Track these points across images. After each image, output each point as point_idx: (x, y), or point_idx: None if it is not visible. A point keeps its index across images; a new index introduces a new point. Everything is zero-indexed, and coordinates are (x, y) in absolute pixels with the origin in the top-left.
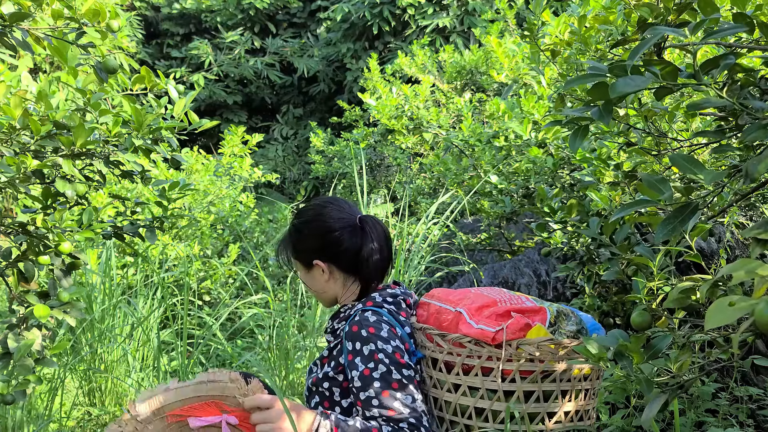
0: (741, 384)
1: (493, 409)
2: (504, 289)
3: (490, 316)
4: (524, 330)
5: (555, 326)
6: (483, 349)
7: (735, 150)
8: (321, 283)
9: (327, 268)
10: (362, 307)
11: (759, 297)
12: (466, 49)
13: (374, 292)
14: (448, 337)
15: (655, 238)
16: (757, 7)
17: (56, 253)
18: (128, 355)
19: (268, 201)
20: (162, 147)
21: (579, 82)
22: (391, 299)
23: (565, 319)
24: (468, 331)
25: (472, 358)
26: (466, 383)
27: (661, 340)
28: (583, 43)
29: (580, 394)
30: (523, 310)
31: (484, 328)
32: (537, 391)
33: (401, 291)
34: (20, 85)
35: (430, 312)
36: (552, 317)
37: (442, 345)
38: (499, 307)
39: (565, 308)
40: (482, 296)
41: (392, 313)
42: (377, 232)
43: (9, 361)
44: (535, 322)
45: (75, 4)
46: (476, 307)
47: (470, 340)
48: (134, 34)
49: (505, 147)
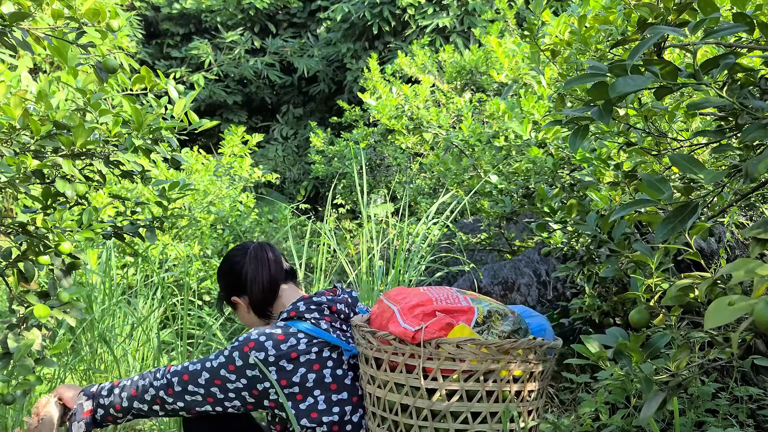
0: (741, 384)
1: (417, 405)
2: (458, 290)
3: (418, 315)
4: (445, 329)
5: (483, 326)
6: (406, 347)
7: (735, 150)
8: (246, 317)
9: (243, 301)
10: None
11: (758, 296)
12: (466, 49)
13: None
14: (377, 334)
15: (655, 237)
16: (757, 7)
17: (56, 253)
18: (128, 355)
19: (268, 201)
20: (162, 147)
21: (579, 82)
22: (314, 307)
23: (501, 319)
24: (394, 330)
25: (397, 355)
26: (392, 380)
27: (659, 338)
28: (583, 43)
29: (510, 395)
30: (450, 310)
31: (407, 327)
32: (459, 390)
33: (328, 298)
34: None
35: (379, 310)
36: (480, 317)
37: (372, 342)
38: (430, 306)
39: (507, 309)
40: (422, 295)
41: (314, 319)
42: (260, 254)
43: (9, 361)
44: (459, 322)
45: (75, 4)
46: (410, 306)
47: (395, 338)
48: (134, 34)
49: (505, 147)
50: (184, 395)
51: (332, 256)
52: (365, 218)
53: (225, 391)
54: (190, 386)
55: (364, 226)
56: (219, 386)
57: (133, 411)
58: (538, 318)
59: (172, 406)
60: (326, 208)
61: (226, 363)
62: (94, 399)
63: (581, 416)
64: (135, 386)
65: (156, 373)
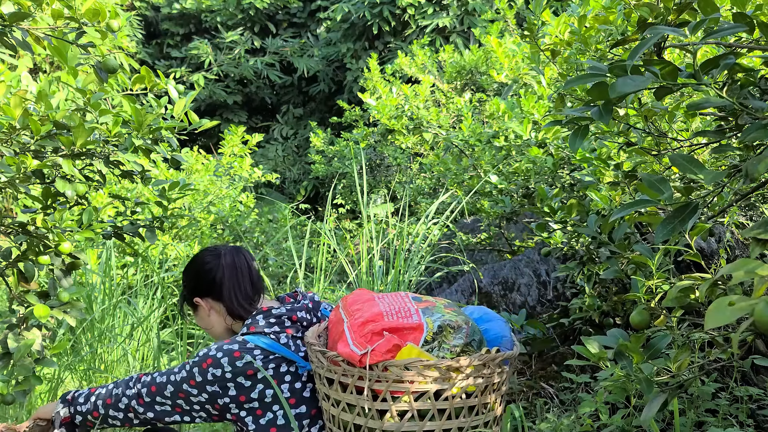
0: (741, 384)
1: (369, 426)
2: (413, 297)
3: (366, 335)
4: (392, 351)
5: (433, 343)
6: (354, 369)
7: (735, 150)
8: (206, 320)
9: (206, 304)
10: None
11: (759, 297)
12: (466, 49)
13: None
14: (327, 354)
15: (655, 237)
16: (757, 7)
17: (56, 253)
18: (128, 355)
19: (268, 201)
20: (162, 147)
21: (579, 82)
22: (273, 320)
23: (453, 333)
24: (341, 351)
25: (346, 376)
26: (344, 400)
27: (660, 339)
28: (583, 43)
29: (463, 411)
30: (399, 328)
31: (354, 349)
32: (410, 410)
33: (287, 308)
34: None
35: (335, 319)
36: (430, 335)
37: (323, 362)
38: (379, 323)
39: (460, 319)
40: (374, 308)
41: (275, 334)
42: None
43: (9, 361)
44: (407, 342)
45: (75, 4)
46: (360, 323)
47: (343, 359)
48: (134, 34)
49: (505, 147)
50: (154, 405)
51: (332, 256)
52: (365, 218)
53: (190, 404)
54: (158, 397)
55: (364, 226)
56: (183, 399)
57: (109, 419)
58: (496, 323)
59: (144, 416)
60: (326, 208)
61: (187, 378)
62: (71, 406)
63: (581, 416)
64: (109, 395)
65: (129, 382)
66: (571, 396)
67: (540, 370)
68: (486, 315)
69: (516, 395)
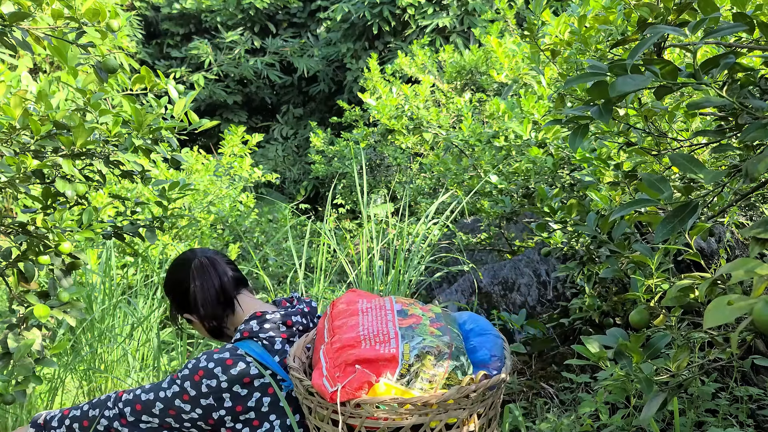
0: (741, 384)
1: None
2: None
3: (340, 365)
4: (364, 389)
5: (409, 375)
6: (327, 402)
7: (735, 150)
8: (203, 331)
9: (194, 318)
10: (224, 346)
11: (758, 296)
12: (466, 49)
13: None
14: (304, 383)
15: (655, 237)
16: (757, 7)
17: (56, 253)
18: (128, 355)
19: (268, 201)
20: (162, 147)
21: (579, 82)
22: (268, 325)
23: (434, 359)
24: (315, 383)
25: (321, 408)
26: (323, 428)
27: (660, 338)
28: (583, 43)
29: None
30: (373, 360)
31: (326, 384)
32: None
33: (282, 313)
34: (20, 85)
35: (320, 328)
36: (405, 367)
37: (300, 389)
38: (354, 352)
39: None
40: (353, 330)
41: (269, 338)
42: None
43: (9, 361)
44: (381, 376)
45: (75, 4)
46: (336, 348)
47: (316, 392)
48: (134, 34)
49: (505, 147)
50: (139, 425)
51: (332, 256)
52: (365, 218)
53: (180, 421)
54: (144, 416)
55: (364, 226)
56: (174, 416)
57: None
58: (487, 339)
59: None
60: (326, 208)
61: (180, 393)
62: (44, 429)
63: (581, 416)
64: (85, 416)
65: (107, 402)
66: (571, 396)
67: (540, 370)
68: (478, 327)
69: (516, 395)
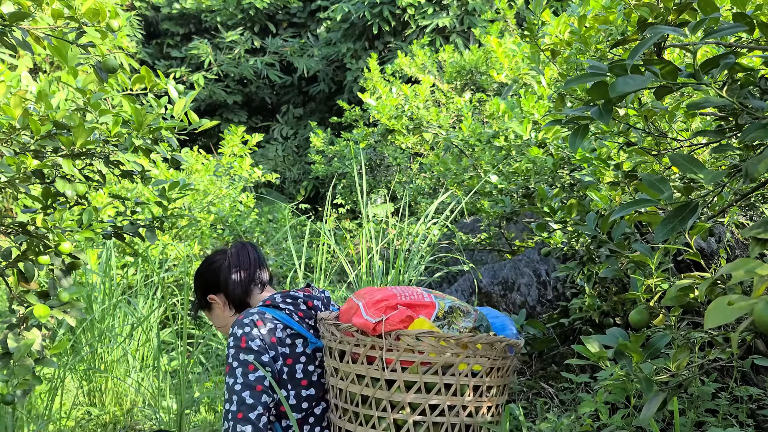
0: (741, 384)
1: (377, 397)
2: (425, 289)
3: (381, 308)
4: (405, 322)
5: (444, 321)
6: (367, 338)
7: (735, 150)
8: (221, 317)
9: (219, 299)
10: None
11: (758, 296)
12: (466, 49)
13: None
14: (340, 326)
15: (655, 237)
16: (757, 7)
17: (56, 253)
18: (128, 355)
19: (268, 201)
20: (162, 147)
21: (579, 82)
22: (290, 300)
23: (462, 316)
24: (356, 321)
25: (359, 346)
26: (354, 371)
27: (660, 338)
28: (583, 43)
29: (468, 389)
30: (412, 305)
31: (368, 318)
32: (418, 382)
33: (304, 295)
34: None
35: (346, 307)
36: (441, 312)
37: (336, 334)
38: (393, 300)
39: (469, 307)
40: (388, 291)
41: (289, 311)
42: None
43: (9, 361)
44: (420, 315)
45: (75, 4)
46: (374, 300)
47: (357, 329)
48: (134, 34)
49: (505, 147)
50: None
51: (332, 256)
52: (365, 218)
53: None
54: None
55: (364, 226)
56: (261, 391)
57: None
58: (501, 318)
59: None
60: (326, 208)
61: (245, 370)
62: None
63: (581, 416)
64: None
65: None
66: (571, 396)
67: (540, 370)
68: (492, 312)
69: (516, 395)
